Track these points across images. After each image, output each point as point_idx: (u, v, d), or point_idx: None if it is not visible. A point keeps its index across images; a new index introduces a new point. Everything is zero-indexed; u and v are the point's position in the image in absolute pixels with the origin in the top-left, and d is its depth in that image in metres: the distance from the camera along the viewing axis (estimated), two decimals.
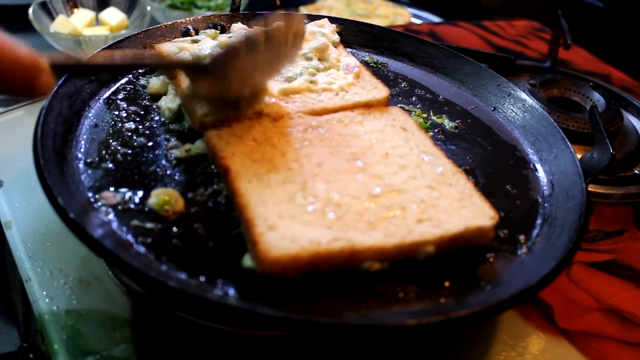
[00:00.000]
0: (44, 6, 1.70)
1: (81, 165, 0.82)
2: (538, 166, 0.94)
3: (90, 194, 0.77)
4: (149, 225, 0.74)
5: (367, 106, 0.94)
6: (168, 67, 0.88)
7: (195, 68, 0.83)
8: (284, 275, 0.67)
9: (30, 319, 0.99)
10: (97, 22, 1.74)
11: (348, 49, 1.13)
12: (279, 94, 0.92)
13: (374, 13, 2.19)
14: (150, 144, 0.87)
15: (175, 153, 0.85)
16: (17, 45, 0.64)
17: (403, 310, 0.68)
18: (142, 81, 1.00)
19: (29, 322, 0.99)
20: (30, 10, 1.63)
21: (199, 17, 1.14)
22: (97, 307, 0.83)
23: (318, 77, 0.97)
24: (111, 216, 0.74)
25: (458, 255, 0.75)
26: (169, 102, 0.93)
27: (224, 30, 1.13)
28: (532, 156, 0.96)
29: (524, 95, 1.06)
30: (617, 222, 1.11)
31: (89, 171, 0.81)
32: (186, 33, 1.08)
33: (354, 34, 1.22)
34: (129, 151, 0.85)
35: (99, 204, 0.76)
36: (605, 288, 0.97)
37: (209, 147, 0.83)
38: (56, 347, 0.78)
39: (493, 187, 0.88)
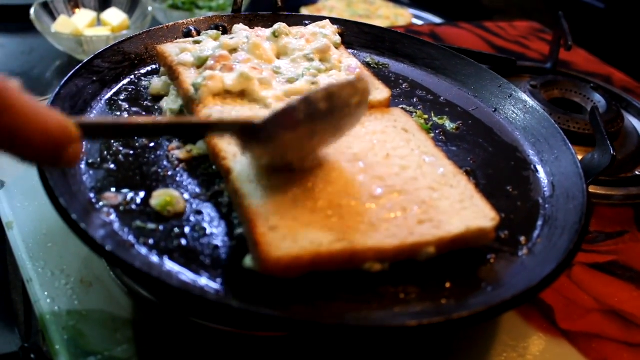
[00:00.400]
0: (45, 6, 1.70)
1: (83, 165, 0.82)
2: (539, 167, 0.94)
3: (92, 195, 0.77)
4: (151, 226, 0.74)
5: (369, 107, 0.94)
6: (215, 131, 0.76)
7: (246, 129, 0.72)
8: (285, 276, 0.68)
9: (32, 319, 1.00)
10: (99, 22, 1.74)
11: (349, 50, 1.13)
12: (281, 96, 0.92)
13: (375, 14, 2.19)
14: (151, 144, 0.87)
15: (177, 154, 0.85)
16: (49, 115, 0.60)
17: (404, 311, 0.68)
18: (144, 82, 1.01)
19: (30, 322, 0.99)
20: (32, 11, 1.63)
21: (201, 17, 1.14)
22: (98, 307, 0.83)
23: (320, 78, 0.97)
24: (113, 217, 0.74)
25: (459, 256, 0.75)
26: (170, 103, 0.93)
27: (225, 31, 1.13)
28: (533, 157, 0.97)
29: (525, 97, 1.06)
30: (618, 223, 1.11)
31: (91, 172, 0.81)
32: (188, 34, 1.08)
33: (356, 35, 1.22)
34: (131, 152, 0.85)
35: (101, 204, 0.76)
36: (606, 289, 0.97)
37: (211, 148, 0.83)
38: (57, 348, 0.78)
39: (494, 188, 0.88)
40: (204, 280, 0.68)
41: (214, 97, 0.88)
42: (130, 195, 0.78)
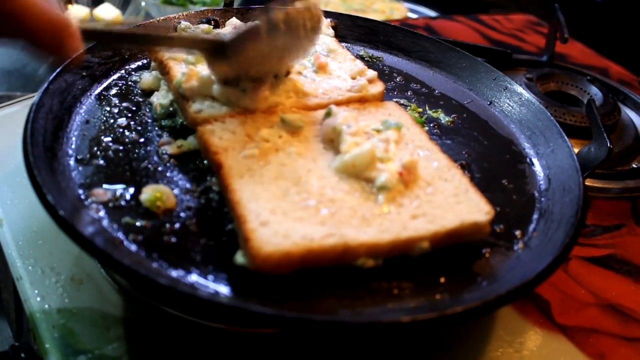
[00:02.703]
0: None
1: (72, 162, 0.81)
2: (535, 160, 0.93)
3: (80, 191, 0.76)
4: (140, 222, 0.73)
5: (362, 101, 0.93)
6: (189, 46, 0.86)
7: (215, 46, 0.82)
8: (277, 272, 0.66)
9: (22, 317, 0.98)
10: (92, 18, 1.73)
11: (343, 43, 1.12)
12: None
13: (370, 8, 2.18)
14: (142, 140, 0.86)
15: (167, 149, 0.84)
16: (52, 4, 0.68)
17: (398, 306, 0.67)
18: (134, 77, 0.99)
19: (20, 321, 0.98)
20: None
21: (192, 12, 1.13)
22: (89, 305, 0.82)
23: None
24: (102, 213, 0.73)
25: (454, 250, 0.74)
26: (161, 98, 0.92)
27: (217, 25, 1.12)
28: (529, 150, 0.96)
29: (520, 89, 1.05)
30: (615, 217, 1.10)
31: (80, 168, 0.80)
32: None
33: (349, 28, 1.21)
34: (121, 147, 0.84)
35: (90, 201, 0.75)
36: (603, 283, 0.96)
37: (202, 143, 0.82)
38: (48, 346, 0.77)
39: (489, 182, 0.87)
40: (194, 277, 0.67)
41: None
42: (120, 191, 0.77)
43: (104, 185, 0.77)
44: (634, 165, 1.21)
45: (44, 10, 0.68)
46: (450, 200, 0.76)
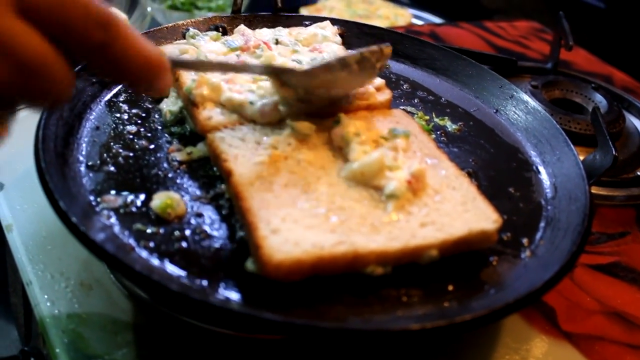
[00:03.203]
0: None
1: (82, 168, 0.81)
2: (541, 168, 0.94)
3: (91, 197, 0.77)
4: (151, 228, 0.74)
5: (370, 109, 0.94)
6: (272, 74, 0.85)
7: (292, 74, 0.84)
8: (287, 279, 0.67)
9: (32, 322, 0.99)
10: None
11: (349, 51, 1.12)
12: None
13: (375, 14, 2.18)
14: (151, 146, 0.87)
15: (177, 156, 0.85)
16: (148, 44, 0.64)
17: (407, 314, 0.67)
18: None
19: (30, 325, 0.99)
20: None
21: (200, 18, 1.14)
22: (98, 310, 0.83)
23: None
24: (113, 220, 0.74)
25: (461, 258, 0.74)
26: (170, 105, 0.92)
27: (225, 32, 1.12)
28: (535, 158, 0.96)
29: (526, 97, 1.05)
30: (620, 224, 1.11)
31: (91, 174, 0.80)
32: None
33: (356, 36, 1.22)
34: (131, 154, 0.85)
35: (101, 207, 0.75)
36: (609, 291, 0.97)
37: (212, 150, 0.82)
38: (57, 351, 0.78)
39: (496, 190, 0.88)
40: (205, 284, 0.68)
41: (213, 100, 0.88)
42: (131, 197, 0.77)
43: (115, 192, 0.78)
44: (638, 173, 1.22)
45: (140, 50, 0.63)
46: (458, 209, 0.76)
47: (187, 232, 0.74)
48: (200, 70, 0.89)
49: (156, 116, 0.93)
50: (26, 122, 1.15)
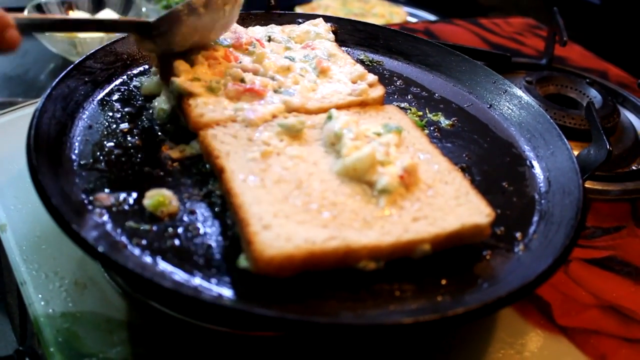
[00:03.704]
0: (39, 8, 1.69)
1: (75, 167, 0.81)
2: (534, 163, 0.94)
3: (84, 196, 0.77)
4: (144, 226, 0.74)
5: (363, 105, 0.94)
6: (118, 29, 0.96)
7: (141, 26, 0.91)
8: (279, 275, 0.67)
9: (27, 322, 0.99)
10: None
11: (343, 48, 1.12)
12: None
13: (370, 12, 2.18)
14: (144, 144, 0.87)
15: (170, 153, 0.85)
16: None
17: (400, 309, 0.67)
18: (136, 82, 1.00)
19: (25, 325, 0.98)
20: (25, 13, 1.63)
21: None
22: (92, 309, 0.83)
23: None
24: (105, 218, 0.74)
25: (455, 253, 0.74)
26: (162, 103, 0.92)
27: None
28: (529, 153, 0.96)
29: (520, 92, 1.05)
30: (615, 219, 1.11)
31: (83, 173, 0.80)
32: None
33: (349, 33, 1.22)
34: (123, 152, 0.85)
35: (93, 205, 0.75)
36: (604, 284, 0.97)
37: (204, 147, 0.82)
38: (52, 350, 0.78)
39: (489, 185, 0.88)
40: (197, 281, 0.68)
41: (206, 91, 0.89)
42: (123, 195, 0.77)
43: (107, 190, 0.78)
44: (633, 167, 1.22)
45: None
46: (451, 203, 0.76)
47: (180, 230, 0.74)
48: (46, 30, 1.00)
49: (149, 114, 0.93)
50: (20, 122, 1.15)
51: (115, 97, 0.96)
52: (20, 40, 0.75)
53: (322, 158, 0.81)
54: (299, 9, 2.14)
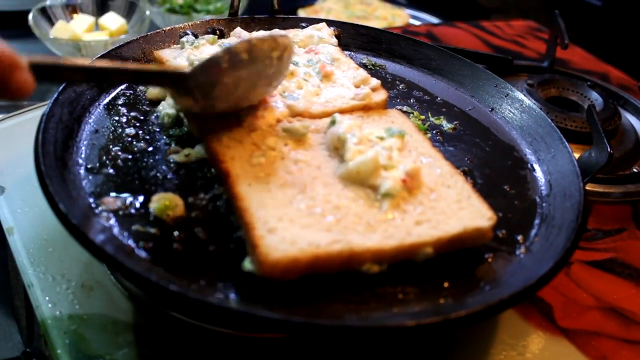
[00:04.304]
0: (43, 12, 1.70)
1: (82, 171, 0.82)
2: (536, 166, 0.95)
3: (91, 200, 0.78)
4: (150, 230, 0.75)
5: (366, 109, 0.95)
6: (151, 82, 0.86)
7: (177, 78, 0.80)
8: (284, 278, 0.68)
9: (33, 324, 1.00)
10: (97, 27, 1.75)
11: (346, 52, 1.13)
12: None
13: (372, 15, 2.19)
14: (150, 149, 0.88)
15: (175, 158, 0.86)
16: None
17: (403, 311, 0.68)
18: (142, 87, 1.01)
19: (32, 327, 0.99)
20: (30, 16, 1.64)
21: (197, 22, 1.15)
22: (99, 311, 0.84)
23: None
24: (112, 221, 0.75)
25: (457, 255, 0.75)
26: (167, 108, 0.93)
27: (222, 35, 1.13)
28: (530, 156, 0.97)
29: (521, 96, 1.06)
30: (616, 221, 1.11)
31: (90, 177, 0.81)
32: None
33: (352, 37, 1.23)
34: (129, 156, 0.86)
35: (100, 209, 0.76)
36: (605, 287, 0.97)
37: (209, 152, 0.83)
38: (59, 352, 0.79)
39: (491, 188, 0.89)
40: (203, 283, 0.69)
41: None
42: (130, 199, 0.78)
43: (114, 194, 0.79)
44: (634, 170, 1.22)
45: None
46: (453, 207, 0.77)
47: (186, 233, 0.75)
48: (71, 80, 0.85)
49: (154, 118, 0.94)
50: (27, 126, 1.16)
51: (121, 101, 0.97)
52: (33, 84, 0.65)
53: (325, 162, 0.82)
54: (301, 12, 2.15)
